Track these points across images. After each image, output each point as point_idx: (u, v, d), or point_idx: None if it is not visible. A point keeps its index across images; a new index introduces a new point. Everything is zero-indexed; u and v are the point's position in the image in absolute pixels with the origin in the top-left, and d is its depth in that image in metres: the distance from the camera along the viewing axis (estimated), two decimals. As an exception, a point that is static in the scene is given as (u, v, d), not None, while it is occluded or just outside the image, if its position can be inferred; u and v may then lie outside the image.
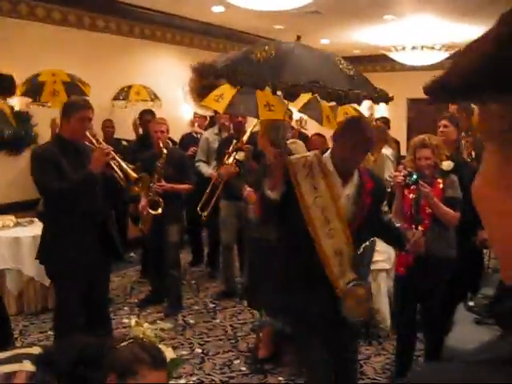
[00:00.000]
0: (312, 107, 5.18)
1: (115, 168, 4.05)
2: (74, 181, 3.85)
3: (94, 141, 4.11)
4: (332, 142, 3.23)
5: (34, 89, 6.21)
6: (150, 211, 5.56)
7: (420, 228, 4.04)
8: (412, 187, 4.08)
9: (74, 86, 6.28)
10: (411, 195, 4.15)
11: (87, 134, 4.04)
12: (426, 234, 4.07)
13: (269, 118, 4.97)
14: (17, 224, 6.13)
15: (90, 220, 4.01)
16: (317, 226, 3.03)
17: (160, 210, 5.54)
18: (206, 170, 6.42)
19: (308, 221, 3.03)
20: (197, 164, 6.51)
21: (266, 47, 3.05)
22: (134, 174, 4.05)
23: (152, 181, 5.50)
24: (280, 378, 4.55)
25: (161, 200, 5.54)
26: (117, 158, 4.05)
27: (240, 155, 5.53)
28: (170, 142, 6.45)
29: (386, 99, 3.39)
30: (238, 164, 5.66)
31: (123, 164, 4.07)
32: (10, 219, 6.13)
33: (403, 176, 4.05)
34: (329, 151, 3.22)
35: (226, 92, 5.05)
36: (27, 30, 6.84)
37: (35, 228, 5.77)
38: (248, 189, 5.00)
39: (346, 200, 3.16)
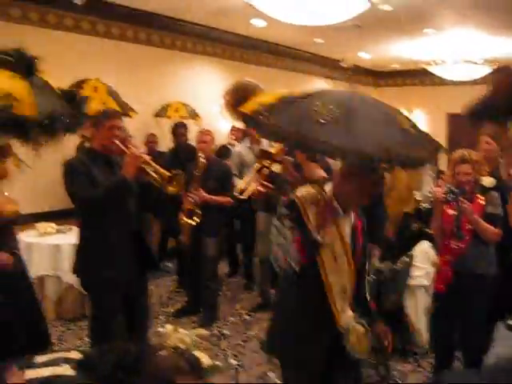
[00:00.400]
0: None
1: (149, 171, 3.93)
2: (107, 187, 3.79)
3: (124, 148, 3.98)
4: (339, 176, 2.95)
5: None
6: (186, 220, 5.59)
7: (461, 245, 4.01)
8: (452, 203, 4.04)
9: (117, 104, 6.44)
10: (451, 211, 4.11)
11: (117, 142, 3.94)
12: (466, 251, 4.04)
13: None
14: (57, 231, 6.24)
15: (124, 229, 3.95)
16: (325, 261, 2.87)
17: (196, 220, 5.52)
18: (238, 183, 6.42)
19: (318, 256, 2.87)
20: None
21: (331, 106, 2.63)
22: (166, 173, 3.92)
23: (189, 190, 5.51)
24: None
25: (197, 210, 5.53)
26: (149, 160, 3.93)
27: (276, 167, 5.49)
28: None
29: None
30: (273, 176, 5.61)
31: (156, 165, 3.95)
32: (50, 226, 6.24)
33: (444, 192, 4.01)
34: (330, 184, 2.97)
35: (267, 99, 5.09)
36: (72, 42, 7.00)
37: (75, 236, 5.86)
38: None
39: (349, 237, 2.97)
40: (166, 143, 7.76)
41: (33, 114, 2.93)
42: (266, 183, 5.24)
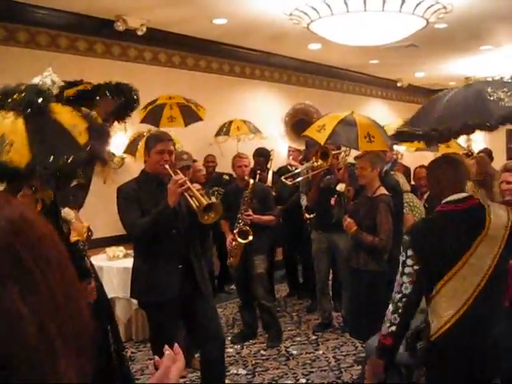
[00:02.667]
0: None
1: (189, 198, 3.86)
2: (151, 216, 3.80)
3: (171, 173, 3.97)
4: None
5: (155, 112, 6.53)
6: (240, 240, 5.66)
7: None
8: None
9: (189, 110, 6.64)
10: None
11: (166, 166, 3.90)
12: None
13: (369, 149, 5.06)
14: (126, 255, 6.42)
15: (172, 255, 3.93)
16: None
17: (250, 238, 5.58)
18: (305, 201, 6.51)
19: None
20: (301, 196, 6.58)
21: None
22: (204, 201, 3.84)
23: (240, 211, 5.63)
24: (386, 410, 4.51)
25: (249, 229, 5.62)
26: (191, 187, 3.86)
27: (341, 187, 5.57)
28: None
29: None
30: (338, 195, 5.69)
31: (196, 192, 3.89)
32: (120, 250, 6.43)
33: None
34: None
35: (327, 123, 5.19)
36: (134, 72, 7.27)
37: (127, 260, 6.02)
38: (348, 219, 4.94)
39: None
40: (225, 164, 7.85)
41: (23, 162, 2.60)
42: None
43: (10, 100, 2.75)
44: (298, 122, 8.82)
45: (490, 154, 8.86)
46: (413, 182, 5.81)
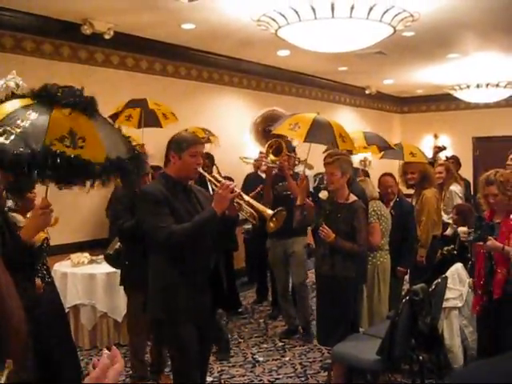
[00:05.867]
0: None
1: (243, 206, 3.61)
2: (194, 223, 3.47)
3: (211, 178, 3.79)
4: None
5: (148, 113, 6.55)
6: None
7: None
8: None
9: (153, 114, 6.60)
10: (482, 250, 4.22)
11: (201, 170, 3.67)
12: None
13: (343, 148, 5.11)
14: (91, 261, 6.33)
15: (199, 265, 3.64)
16: None
17: None
18: None
19: None
20: None
21: None
22: (268, 211, 3.63)
23: None
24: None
25: None
26: (243, 194, 3.63)
27: (324, 194, 5.42)
28: None
29: None
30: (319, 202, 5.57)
31: (252, 201, 3.65)
32: (84, 256, 6.34)
33: (464, 233, 4.09)
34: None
35: (299, 121, 5.17)
36: (101, 76, 7.20)
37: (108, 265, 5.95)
38: (327, 228, 4.83)
39: None
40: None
41: (99, 160, 2.63)
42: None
43: (60, 96, 2.72)
44: (266, 128, 8.80)
45: (458, 161, 8.98)
46: (377, 190, 5.81)
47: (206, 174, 3.79)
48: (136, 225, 4.13)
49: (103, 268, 5.98)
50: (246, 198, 3.63)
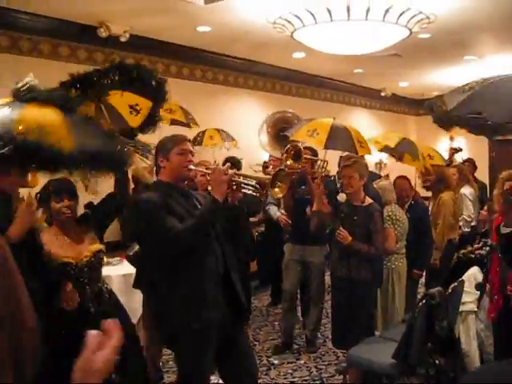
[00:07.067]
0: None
1: (243, 184, 3.40)
2: (200, 215, 3.27)
3: (203, 169, 3.65)
4: None
5: None
6: None
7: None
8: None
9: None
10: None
11: (192, 167, 3.44)
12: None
13: (362, 153, 5.11)
14: (107, 263, 6.33)
15: (210, 271, 3.35)
16: None
17: None
18: (275, 212, 6.43)
19: None
20: (267, 207, 6.49)
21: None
22: (265, 178, 3.49)
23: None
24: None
25: None
26: (238, 172, 3.45)
27: (342, 197, 5.36)
28: None
29: None
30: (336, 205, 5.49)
31: (249, 175, 3.50)
32: (100, 258, 6.35)
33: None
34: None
35: (318, 127, 5.15)
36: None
37: (124, 267, 5.97)
38: (344, 231, 4.77)
39: None
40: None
41: (67, 147, 2.52)
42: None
43: (39, 93, 2.78)
44: (280, 131, 8.80)
45: (474, 164, 8.92)
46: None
47: (197, 169, 3.62)
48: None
49: (119, 269, 5.99)
50: (244, 174, 3.52)
